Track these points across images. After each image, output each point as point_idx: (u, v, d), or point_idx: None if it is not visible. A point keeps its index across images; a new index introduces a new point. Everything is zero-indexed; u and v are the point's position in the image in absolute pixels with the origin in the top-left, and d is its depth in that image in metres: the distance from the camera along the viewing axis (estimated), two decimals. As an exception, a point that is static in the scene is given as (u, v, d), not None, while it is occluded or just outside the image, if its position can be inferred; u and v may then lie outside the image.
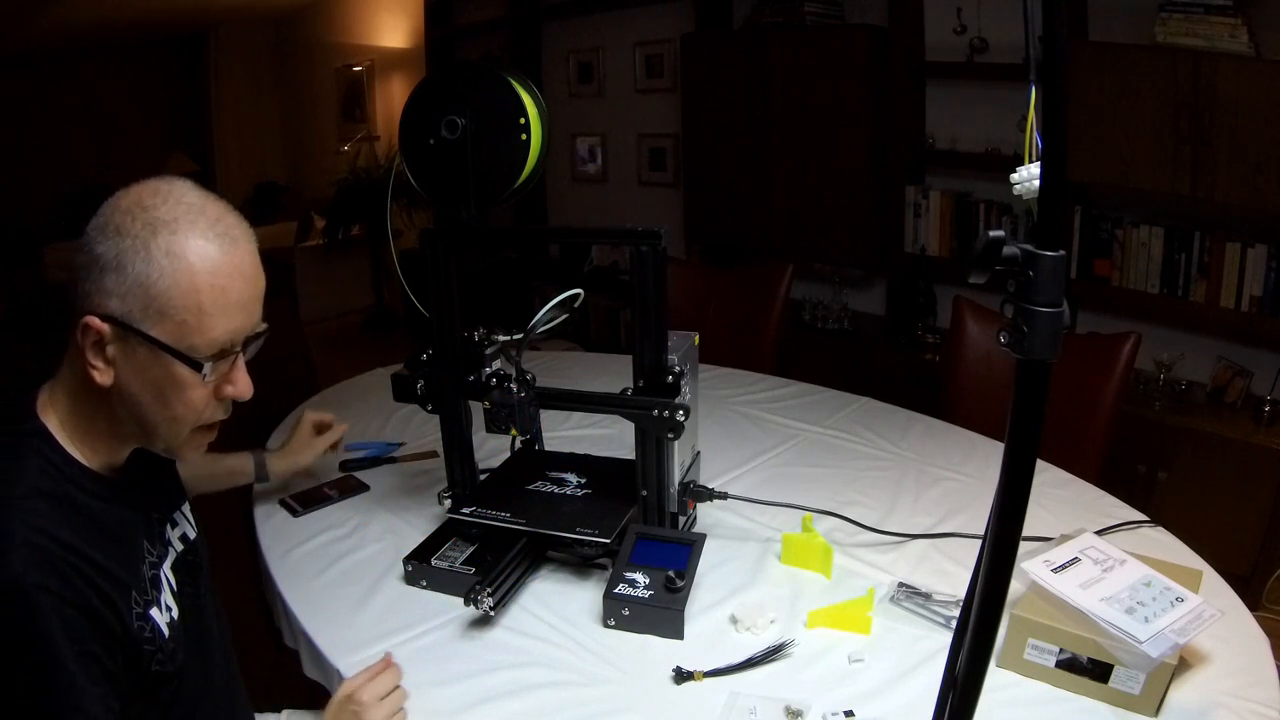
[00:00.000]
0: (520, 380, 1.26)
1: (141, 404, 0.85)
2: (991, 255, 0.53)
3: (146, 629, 0.87)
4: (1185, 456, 2.47)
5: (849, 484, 1.60)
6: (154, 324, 0.81)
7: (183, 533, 1.03)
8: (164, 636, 0.90)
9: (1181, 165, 2.42)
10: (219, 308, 0.83)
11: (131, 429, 0.87)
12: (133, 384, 0.84)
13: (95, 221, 0.82)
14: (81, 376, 0.84)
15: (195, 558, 1.04)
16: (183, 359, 0.82)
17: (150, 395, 0.84)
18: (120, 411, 0.86)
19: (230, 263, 0.83)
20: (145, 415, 0.85)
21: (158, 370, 0.83)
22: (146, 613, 0.88)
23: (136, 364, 0.83)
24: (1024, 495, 0.56)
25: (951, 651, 0.65)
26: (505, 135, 1.21)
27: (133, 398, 0.84)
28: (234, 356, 0.87)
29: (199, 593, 1.02)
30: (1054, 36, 0.51)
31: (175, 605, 0.95)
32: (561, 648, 1.14)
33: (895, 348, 3.28)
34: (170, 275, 0.80)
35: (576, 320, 1.32)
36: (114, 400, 0.85)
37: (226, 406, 0.90)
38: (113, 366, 0.83)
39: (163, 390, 0.84)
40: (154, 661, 0.88)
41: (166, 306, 0.81)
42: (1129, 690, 0.98)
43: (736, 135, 3.58)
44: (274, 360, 2.59)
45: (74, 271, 0.82)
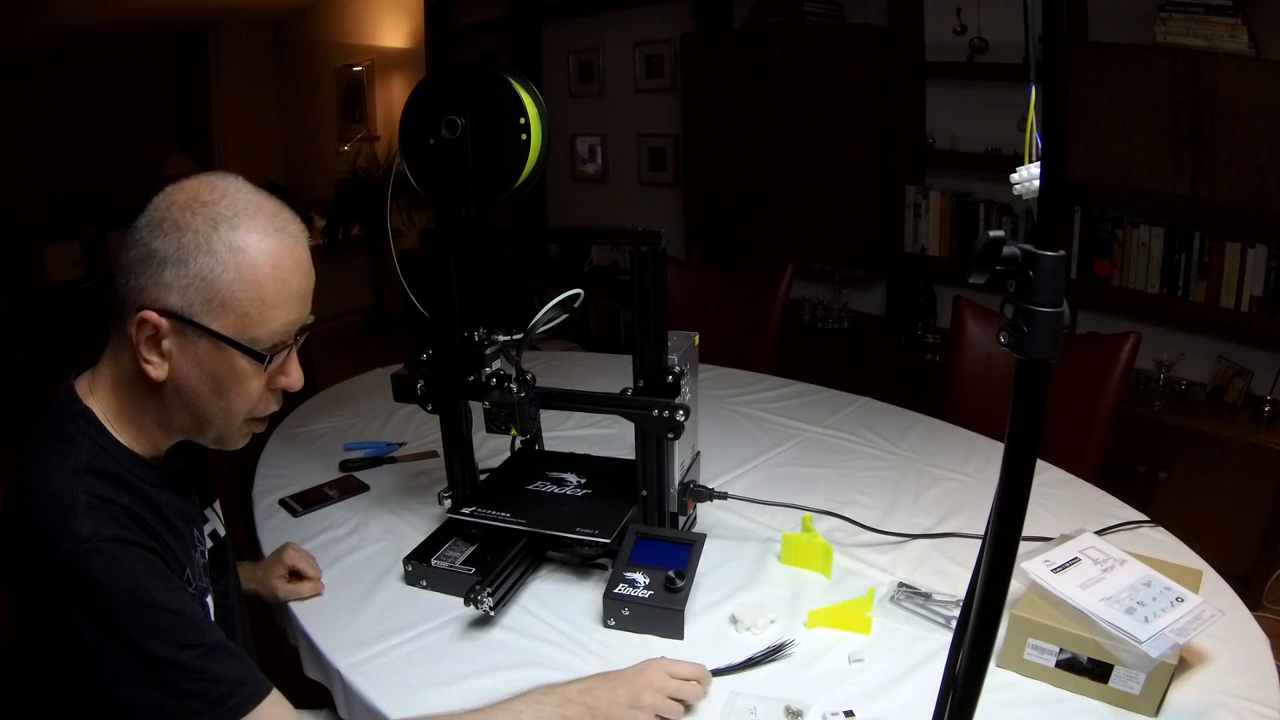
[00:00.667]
0: (520, 380, 1.26)
1: (198, 396, 0.86)
2: (991, 255, 0.53)
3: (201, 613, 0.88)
4: (1185, 456, 2.47)
5: (849, 484, 1.60)
6: (216, 317, 0.82)
7: (213, 529, 1.05)
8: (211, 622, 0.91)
9: (1181, 165, 2.42)
10: (280, 299, 0.85)
11: (183, 421, 0.88)
12: (189, 377, 0.85)
13: (148, 217, 0.83)
14: (130, 370, 0.85)
15: (224, 555, 1.05)
16: (246, 351, 0.84)
17: (208, 388, 0.85)
18: (173, 404, 0.86)
19: (290, 256, 0.86)
20: (201, 408, 0.87)
21: (218, 363, 0.84)
22: (202, 599, 0.90)
23: (194, 357, 0.84)
24: (1024, 495, 0.56)
25: (951, 651, 0.64)
26: (505, 135, 1.21)
27: (189, 390, 0.85)
28: (289, 348, 0.89)
29: (226, 590, 1.03)
30: (1054, 36, 0.51)
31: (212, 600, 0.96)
32: (561, 648, 1.14)
33: (895, 348, 3.28)
34: (234, 269, 0.81)
35: (576, 320, 1.32)
36: (166, 394, 0.86)
37: (279, 397, 0.92)
38: (167, 360, 0.84)
39: (221, 383, 0.85)
40: None
41: (230, 299, 0.82)
42: (1129, 690, 0.98)
43: (736, 135, 3.58)
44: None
45: (123, 266, 0.83)
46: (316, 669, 1.16)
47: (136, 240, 0.82)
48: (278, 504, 1.54)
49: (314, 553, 1.38)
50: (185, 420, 0.88)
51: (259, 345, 0.85)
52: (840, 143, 3.28)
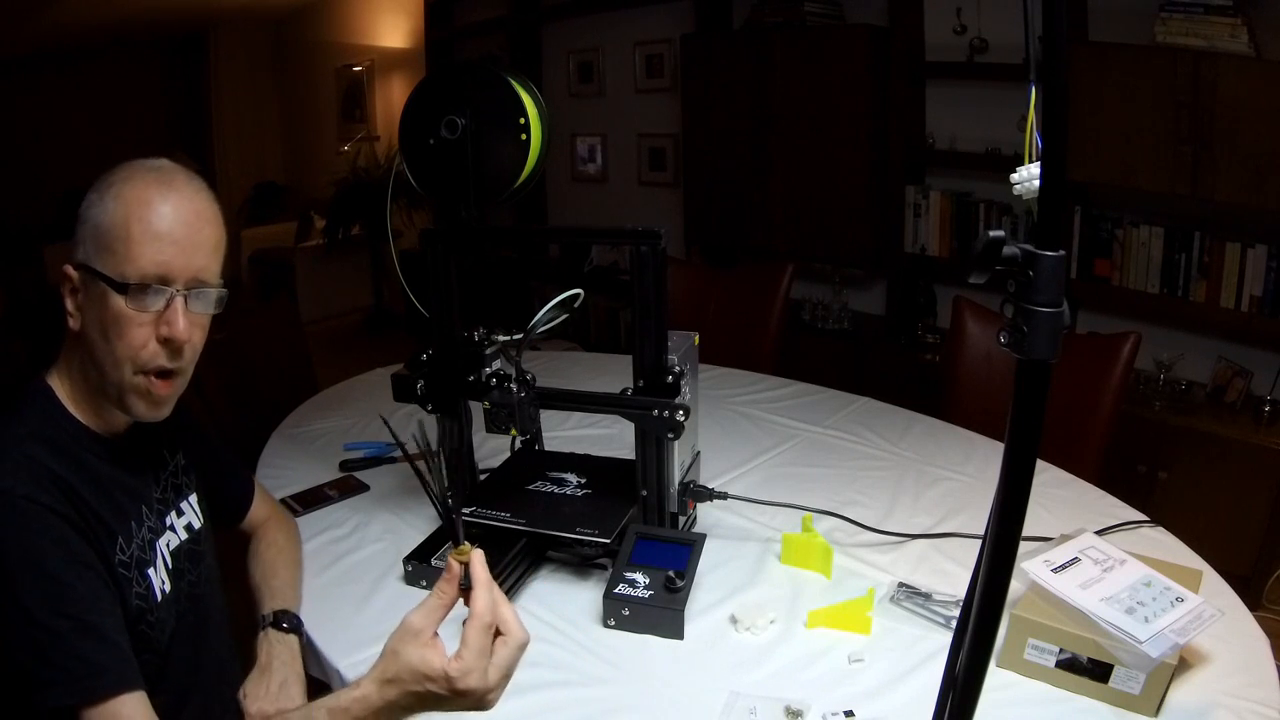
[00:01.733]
0: (520, 380, 1.26)
1: (94, 344, 0.92)
2: (991, 255, 0.53)
3: (138, 583, 0.92)
4: (1185, 456, 2.47)
5: (849, 484, 1.60)
6: (97, 258, 0.90)
7: (188, 522, 1.07)
8: (156, 600, 0.94)
9: (1181, 165, 2.42)
10: (145, 237, 0.89)
11: (93, 378, 0.94)
12: (90, 326, 0.92)
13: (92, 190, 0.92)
14: (72, 340, 0.94)
15: (199, 547, 1.07)
16: (111, 282, 0.89)
17: (98, 332, 0.91)
18: (86, 360, 0.93)
19: (161, 198, 0.91)
20: (97, 356, 0.92)
21: (101, 304, 0.90)
22: (142, 569, 0.93)
23: (90, 302, 0.91)
24: (1024, 495, 0.56)
25: (951, 651, 0.64)
26: (505, 135, 1.21)
27: (90, 341, 0.92)
28: (169, 296, 0.91)
29: (198, 581, 1.05)
30: (1054, 36, 0.51)
31: (169, 582, 0.98)
32: (561, 648, 1.14)
33: (895, 348, 3.28)
34: (110, 213, 0.90)
35: (576, 320, 1.32)
36: (82, 349, 0.93)
37: (170, 353, 0.93)
38: (81, 312, 0.92)
39: (105, 326, 0.90)
40: (142, 621, 0.91)
41: (106, 240, 0.89)
42: (1129, 690, 0.98)
43: (736, 135, 3.58)
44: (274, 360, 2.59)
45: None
46: (316, 669, 1.16)
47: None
48: (278, 504, 1.54)
49: (314, 553, 1.38)
50: (93, 376, 0.93)
51: (125, 279, 0.89)
52: (840, 142, 3.28)
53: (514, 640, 0.78)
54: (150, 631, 0.92)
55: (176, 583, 1.00)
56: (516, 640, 0.78)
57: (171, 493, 1.05)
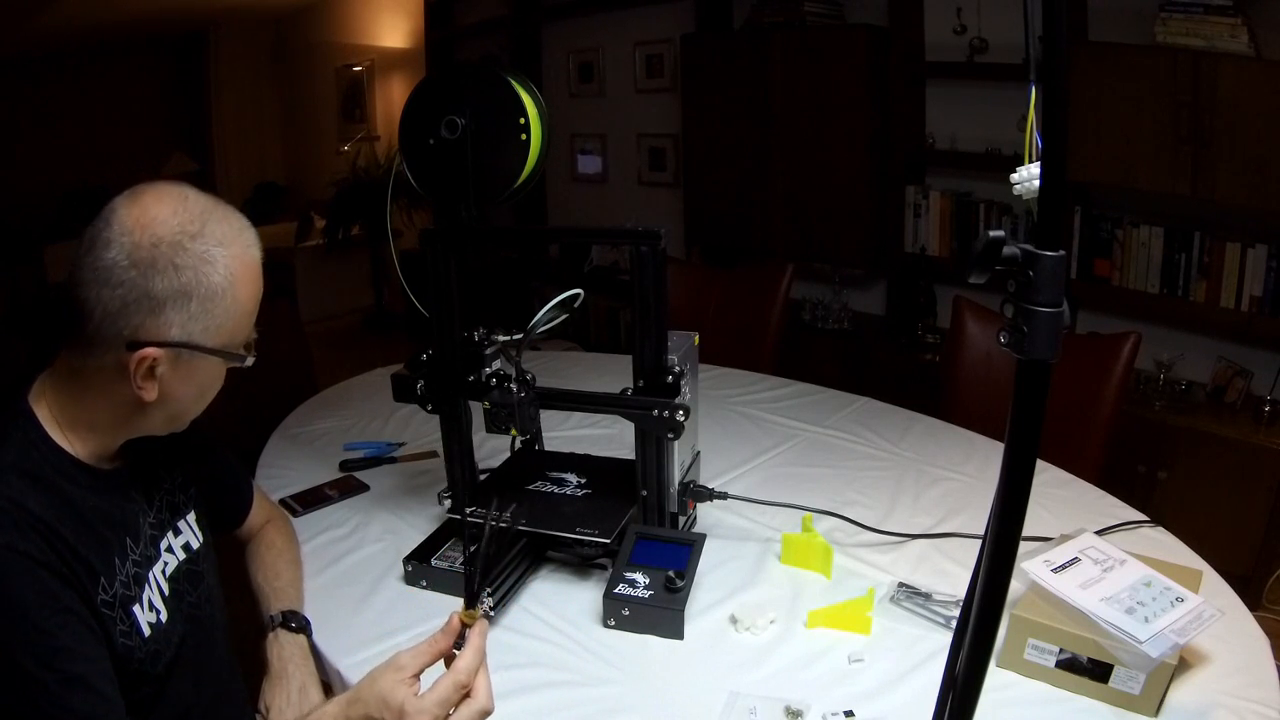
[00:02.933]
0: (520, 380, 1.26)
1: (184, 403, 0.91)
2: (991, 255, 0.53)
3: (122, 621, 0.88)
4: (1185, 456, 2.47)
5: (849, 484, 1.60)
6: (212, 338, 0.87)
7: (185, 542, 1.03)
8: (143, 636, 0.90)
9: (1181, 165, 2.42)
10: (255, 306, 0.91)
11: (155, 424, 0.92)
12: (179, 391, 0.88)
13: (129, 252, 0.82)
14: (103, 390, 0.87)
15: (197, 567, 1.04)
16: (235, 359, 0.90)
17: (194, 395, 0.91)
18: (152, 414, 0.90)
19: (258, 266, 0.91)
20: (183, 411, 0.92)
21: (207, 374, 0.90)
22: (126, 607, 0.89)
23: (186, 373, 0.88)
24: (1024, 495, 0.56)
25: (951, 651, 0.64)
26: (505, 135, 1.21)
27: (176, 401, 0.90)
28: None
29: (199, 601, 1.02)
30: (1054, 36, 0.51)
31: (165, 609, 0.95)
32: (561, 648, 1.14)
33: (895, 348, 3.28)
34: (230, 295, 0.86)
35: (576, 320, 1.32)
36: (150, 409, 0.88)
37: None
38: (158, 382, 0.86)
39: (207, 389, 0.92)
40: (131, 660, 0.88)
41: (224, 321, 0.87)
42: (1129, 690, 0.98)
43: (736, 135, 3.58)
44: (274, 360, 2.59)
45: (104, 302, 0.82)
46: (317, 669, 1.16)
47: (123, 280, 0.81)
48: (278, 504, 1.54)
49: (314, 553, 1.38)
50: (160, 424, 0.92)
51: (241, 349, 0.91)
52: (840, 143, 3.28)
53: (478, 705, 0.78)
54: (142, 667, 0.90)
55: (175, 607, 0.97)
56: (480, 706, 0.78)
57: (168, 513, 1.02)
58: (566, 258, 4.80)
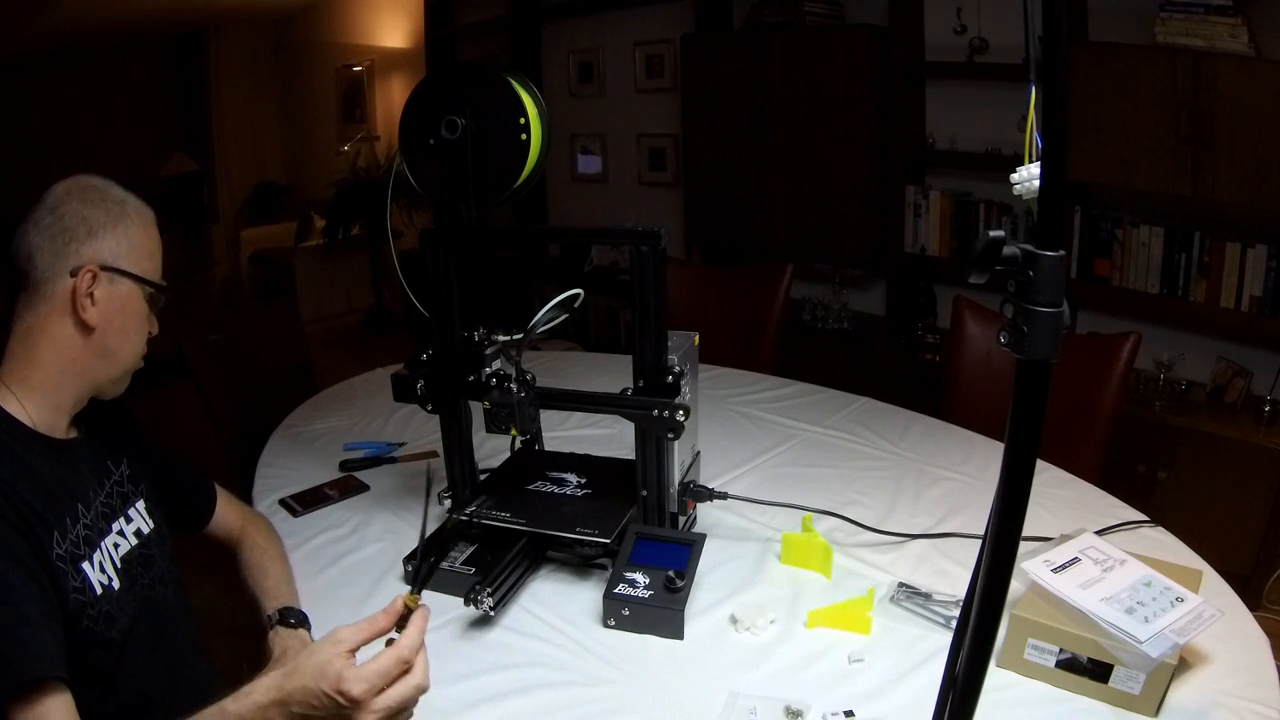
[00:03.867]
0: (520, 380, 1.26)
1: (117, 335, 1.02)
2: (991, 255, 0.53)
3: (74, 577, 0.92)
4: (1185, 456, 2.47)
5: (849, 484, 1.60)
6: (134, 263, 1.03)
7: (137, 528, 1.08)
8: (95, 593, 0.94)
9: (1181, 165, 2.42)
10: (159, 252, 1.07)
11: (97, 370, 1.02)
12: (114, 320, 1.01)
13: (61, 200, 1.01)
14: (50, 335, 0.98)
15: (149, 551, 1.08)
16: (156, 287, 1.05)
17: (122, 332, 1.03)
18: (95, 352, 1.00)
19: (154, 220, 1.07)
20: (119, 347, 1.03)
21: (135, 303, 1.04)
22: (76, 564, 0.94)
23: (120, 300, 1.02)
24: (1024, 495, 0.56)
25: (951, 651, 0.64)
26: (505, 135, 1.21)
27: (112, 333, 1.01)
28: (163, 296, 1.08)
29: (152, 584, 1.06)
30: (1054, 36, 0.51)
31: (118, 579, 0.99)
32: (561, 648, 1.14)
33: (895, 348, 3.28)
34: (143, 229, 1.04)
35: (576, 320, 1.32)
36: (93, 342, 1.00)
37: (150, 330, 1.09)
38: (97, 308, 0.99)
39: (130, 326, 1.04)
40: (84, 615, 0.92)
41: (144, 251, 1.04)
42: (1129, 690, 0.98)
43: (736, 135, 3.58)
44: (274, 360, 2.59)
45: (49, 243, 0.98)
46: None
47: (64, 214, 0.99)
48: (278, 504, 1.54)
49: (314, 553, 1.38)
50: (101, 369, 1.02)
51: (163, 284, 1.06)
52: (840, 143, 3.28)
53: (415, 679, 0.79)
54: (95, 626, 0.93)
55: (128, 584, 1.01)
56: (417, 681, 0.79)
57: (118, 500, 1.07)
58: (566, 258, 4.80)
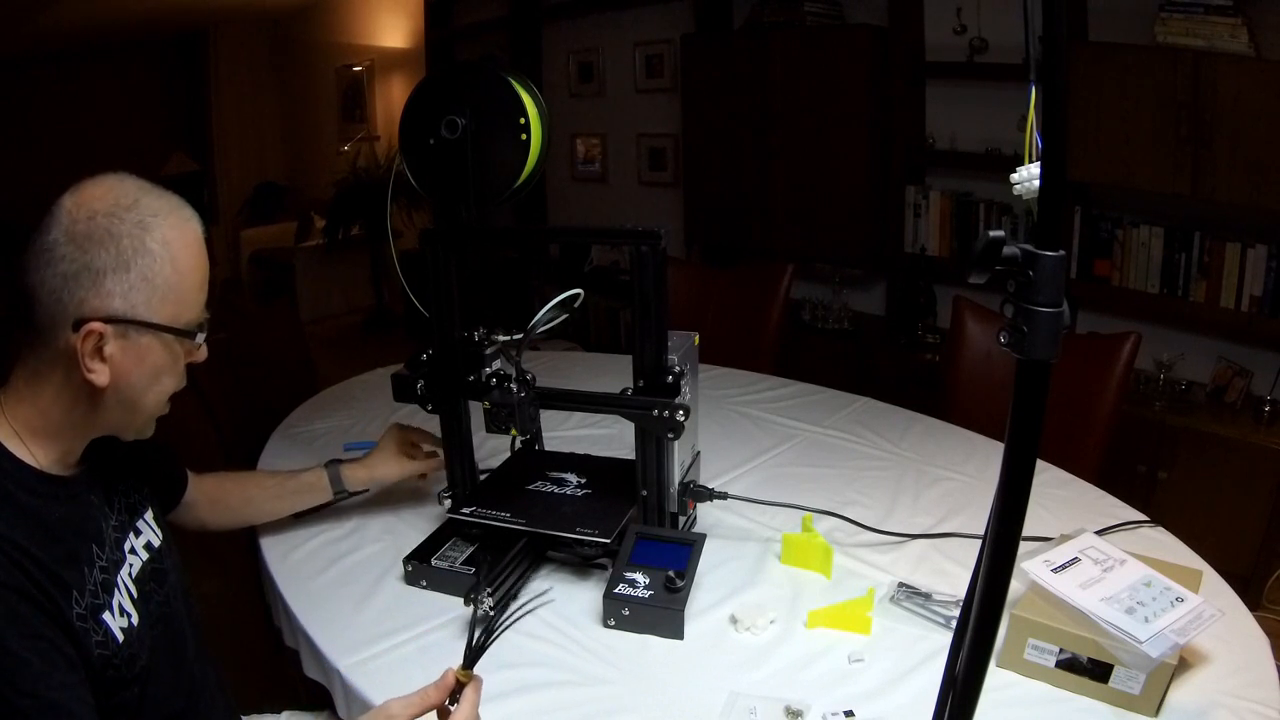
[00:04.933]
0: (520, 380, 1.26)
1: (137, 389, 0.89)
2: (991, 255, 0.53)
3: (95, 631, 0.86)
4: (1185, 456, 2.47)
5: (849, 484, 1.60)
6: (157, 311, 0.86)
7: (147, 541, 1.02)
8: (118, 641, 0.89)
9: (1181, 165, 2.42)
10: (200, 280, 0.91)
11: (114, 420, 0.91)
12: (131, 374, 0.88)
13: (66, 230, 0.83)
14: (59, 383, 0.87)
15: (161, 565, 1.03)
16: (184, 335, 0.89)
17: (148, 379, 0.89)
18: (110, 404, 0.89)
19: (200, 239, 0.91)
20: (139, 399, 0.90)
21: (158, 354, 0.89)
22: (96, 616, 0.87)
23: (136, 354, 0.87)
24: (1024, 495, 0.56)
25: (951, 651, 0.64)
26: (505, 135, 1.21)
27: (130, 386, 0.88)
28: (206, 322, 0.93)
29: (167, 599, 1.02)
30: (1054, 36, 0.51)
31: (135, 612, 0.94)
32: (561, 648, 1.14)
33: (895, 348, 3.28)
34: (169, 263, 0.86)
35: (576, 320, 1.32)
36: (106, 396, 0.87)
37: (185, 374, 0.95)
38: (109, 364, 0.86)
39: (159, 371, 0.90)
40: (109, 667, 0.87)
41: (167, 292, 0.86)
42: (1129, 690, 0.98)
43: (736, 135, 3.58)
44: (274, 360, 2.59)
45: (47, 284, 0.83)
46: (316, 669, 1.16)
47: (63, 255, 0.83)
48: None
49: (313, 553, 1.38)
50: (118, 418, 0.91)
51: (191, 326, 0.90)
52: (840, 143, 3.28)
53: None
54: (120, 672, 0.89)
55: (145, 608, 0.96)
56: None
57: (126, 515, 1.01)
58: (566, 258, 4.80)
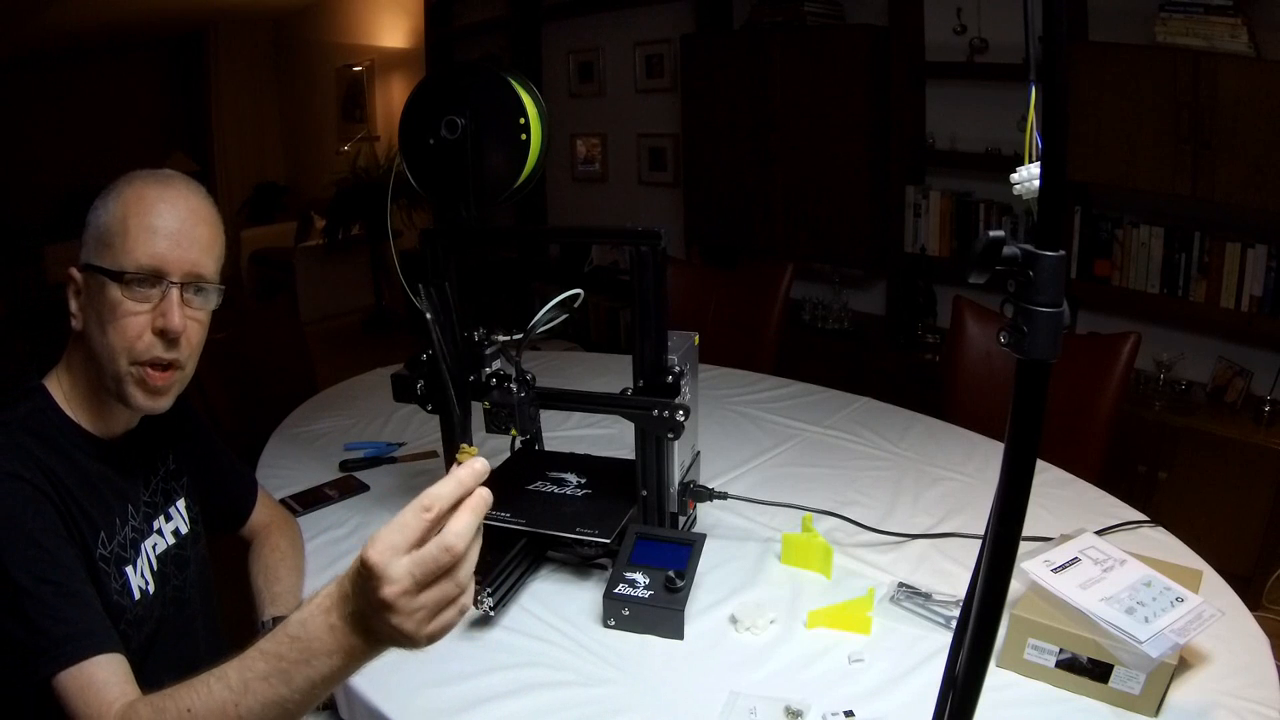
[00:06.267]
0: (520, 380, 1.26)
1: (94, 338, 0.94)
2: (991, 255, 0.53)
3: (116, 578, 0.92)
4: (1185, 456, 2.47)
5: (849, 484, 1.60)
6: (97, 255, 0.94)
7: (175, 527, 1.07)
8: (133, 598, 0.94)
9: (1181, 165, 2.42)
10: (141, 230, 0.93)
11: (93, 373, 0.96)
12: (90, 321, 0.94)
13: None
14: (73, 341, 0.96)
15: (185, 552, 1.07)
16: (109, 273, 0.92)
17: (96, 325, 0.93)
18: (87, 357, 0.95)
19: (157, 195, 0.94)
20: (96, 349, 0.94)
21: (99, 297, 0.93)
22: (119, 566, 0.93)
23: (90, 298, 0.94)
24: (1024, 495, 0.56)
25: (951, 651, 0.64)
26: (505, 135, 1.21)
27: (90, 336, 0.94)
28: (164, 288, 0.94)
29: (183, 586, 1.05)
30: (1054, 36, 0.51)
31: (153, 583, 0.99)
32: (561, 648, 1.14)
33: (895, 348, 3.28)
34: (107, 210, 0.94)
35: (576, 320, 1.32)
36: (84, 346, 0.95)
37: (165, 344, 0.95)
38: (82, 311, 0.95)
39: (104, 318, 0.93)
40: (121, 619, 0.91)
41: (104, 235, 0.93)
42: (1129, 690, 0.98)
43: (736, 135, 3.58)
44: (274, 360, 2.60)
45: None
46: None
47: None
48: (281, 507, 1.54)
49: (314, 553, 1.38)
50: (93, 372, 0.95)
51: (122, 269, 0.92)
52: (840, 143, 3.28)
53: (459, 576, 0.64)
54: (128, 630, 0.92)
55: (161, 586, 1.00)
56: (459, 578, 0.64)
57: (161, 497, 1.06)
58: (566, 258, 4.80)
